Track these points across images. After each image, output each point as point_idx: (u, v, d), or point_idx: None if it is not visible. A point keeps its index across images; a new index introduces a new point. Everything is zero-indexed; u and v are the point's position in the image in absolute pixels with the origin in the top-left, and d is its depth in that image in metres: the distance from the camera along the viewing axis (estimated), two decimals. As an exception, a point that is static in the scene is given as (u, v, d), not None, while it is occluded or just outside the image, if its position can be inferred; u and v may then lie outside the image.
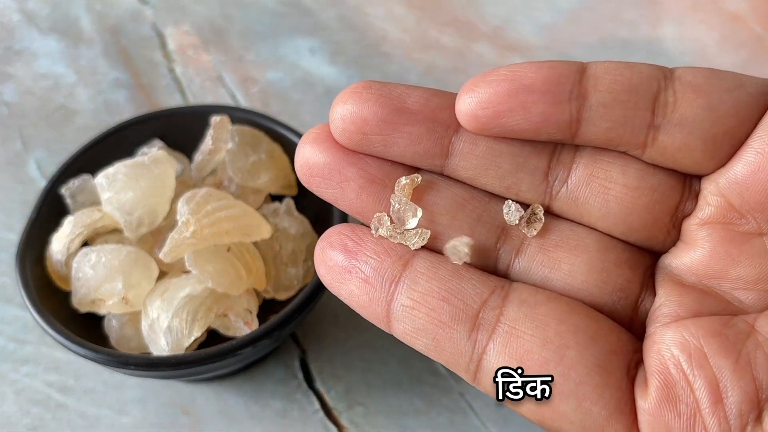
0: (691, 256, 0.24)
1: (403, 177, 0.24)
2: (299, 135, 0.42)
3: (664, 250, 0.25)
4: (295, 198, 0.41)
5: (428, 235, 0.24)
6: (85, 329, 0.37)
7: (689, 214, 0.24)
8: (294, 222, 0.40)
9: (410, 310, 0.23)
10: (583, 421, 0.21)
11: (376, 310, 0.23)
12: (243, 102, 0.54)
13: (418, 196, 0.25)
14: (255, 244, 0.38)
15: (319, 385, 0.40)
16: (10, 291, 0.45)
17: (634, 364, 0.23)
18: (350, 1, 0.59)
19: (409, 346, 0.41)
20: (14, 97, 0.55)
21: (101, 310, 0.38)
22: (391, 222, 0.24)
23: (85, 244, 0.39)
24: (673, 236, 0.25)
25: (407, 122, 0.24)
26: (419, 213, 0.24)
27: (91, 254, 0.37)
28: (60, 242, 0.39)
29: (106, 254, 0.37)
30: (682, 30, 0.56)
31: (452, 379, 0.40)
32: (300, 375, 0.41)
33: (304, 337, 0.42)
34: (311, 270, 0.39)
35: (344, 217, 0.39)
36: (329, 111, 0.24)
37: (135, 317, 0.38)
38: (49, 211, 0.40)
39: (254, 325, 0.37)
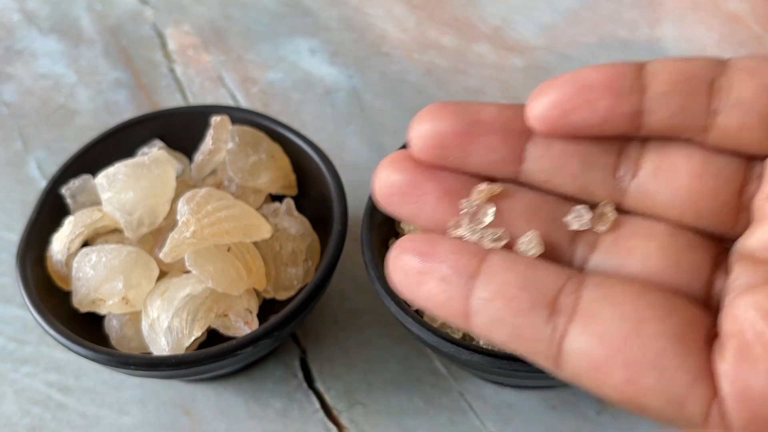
0: (763, 231, 0.24)
1: (482, 183, 0.26)
2: (299, 135, 0.42)
3: (736, 236, 0.26)
4: (295, 198, 0.42)
5: (507, 235, 0.26)
6: (85, 329, 0.37)
7: (755, 194, 0.25)
8: (294, 222, 0.40)
9: (489, 302, 0.23)
10: (666, 390, 0.22)
11: (454, 307, 0.24)
12: (243, 102, 0.54)
13: (494, 202, 0.26)
14: (255, 244, 0.38)
15: (319, 385, 0.40)
16: (10, 291, 0.45)
17: (711, 335, 0.23)
18: (350, 2, 0.60)
19: (408, 347, 0.41)
20: (14, 97, 0.55)
21: (101, 310, 0.38)
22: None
23: (85, 244, 0.39)
24: (744, 220, 0.25)
25: (483, 133, 0.25)
26: (492, 208, 0.26)
27: (92, 254, 0.37)
28: (60, 242, 0.39)
29: (106, 254, 0.37)
30: (682, 30, 0.56)
31: (452, 378, 0.40)
32: (300, 374, 0.41)
33: (304, 337, 0.42)
34: (311, 270, 0.40)
35: (344, 217, 0.39)
36: (409, 130, 0.26)
37: (135, 317, 0.38)
38: (50, 211, 0.40)
39: (254, 324, 0.37)
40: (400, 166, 0.26)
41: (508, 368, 0.33)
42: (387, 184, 0.26)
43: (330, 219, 0.39)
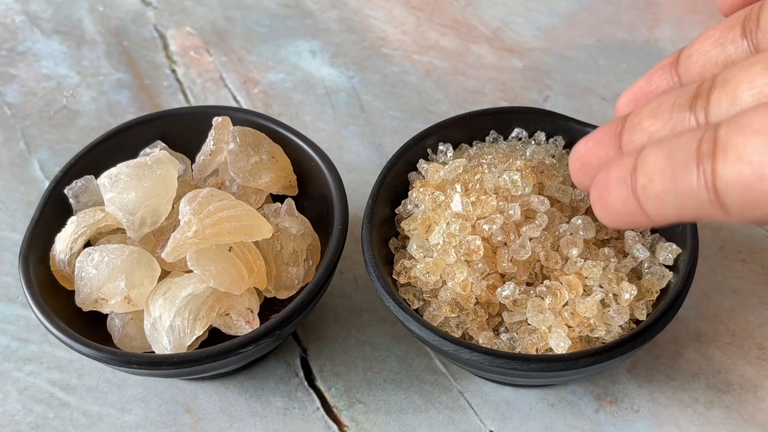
0: None
1: None
2: (300, 136, 0.42)
3: None
4: (295, 198, 0.42)
5: None
6: (87, 328, 0.38)
7: None
8: (295, 222, 0.40)
9: (648, 186, 0.25)
10: None
11: (630, 208, 0.26)
12: (244, 103, 0.54)
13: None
14: (256, 243, 0.39)
15: (320, 383, 0.41)
16: (13, 290, 0.45)
17: None
18: (351, 3, 0.60)
19: (407, 346, 0.41)
20: (17, 98, 0.55)
21: (104, 309, 0.38)
22: None
23: (88, 243, 0.40)
24: None
25: None
26: None
27: (94, 254, 0.38)
28: (63, 242, 0.39)
29: (108, 254, 0.37)
30: (680, 32, 0.56)
31: (451, 377, 0.41)
32: (301, 373, 0.41)
33: (304, 336, 0.42)
34: (312, 269, 0.40)
35: (345, 217, 0.39)
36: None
37: (137, 316, 0.38)
38: (53, 212, 0.40)
39: (255, 323, 0.37)
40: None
41: (507, 366, 0.33)
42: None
43: (330, 219, 0.39)
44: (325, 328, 0.43)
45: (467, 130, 0.42)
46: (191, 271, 0.37)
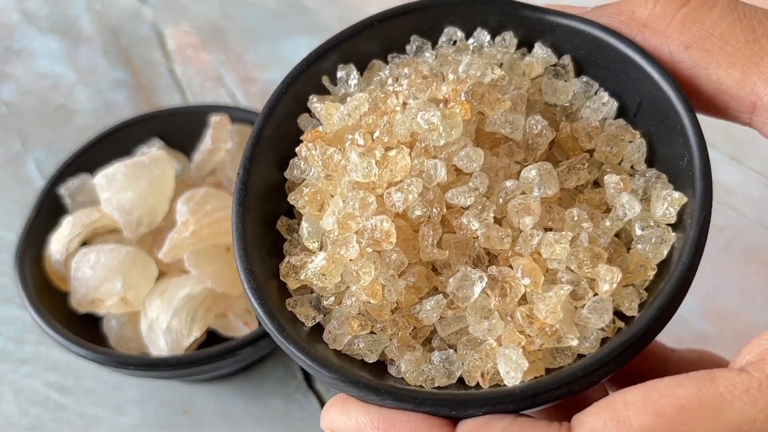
0: None
1: None
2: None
3: None
4: (294, 198, 0.42)
5: None
6: (84, 329, 0.37)
7: None
8: (293, 222, 0.40)
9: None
10: None
11: None
12: (242, 101, 0.54)
13: None
14: (254, 244, 0.38)
15: (319, 385, 0.40)
16: (9, 291, 0.44)
17: None
18: (350, 1, 0.59)
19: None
20: (13, 96, 0.55)
21: (100, 311, 0.38)
22: None
23: (84, 243, 0.39)
24: None
25: None
26: None
27: (90, 254, 0.37)
28: (59, 242, 0.39)
29: (105, 254, 0.37)
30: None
31: (452, 379, 0.40)
32: (299, 375, 0.41)
33: (303, 337, 0.42)
34: (311, 270, 0.39)
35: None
36: None
37: (134, 317, 0.38)
38: (48, 211, 0.40)
39: (253, 325, 0.37)
40: None
41: (448, 414, 0.23)
42: None
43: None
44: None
45: (382, 39, 0.29)
46: (189, 272, 0.37)
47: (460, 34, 0.29)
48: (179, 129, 0.43)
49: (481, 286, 0.24)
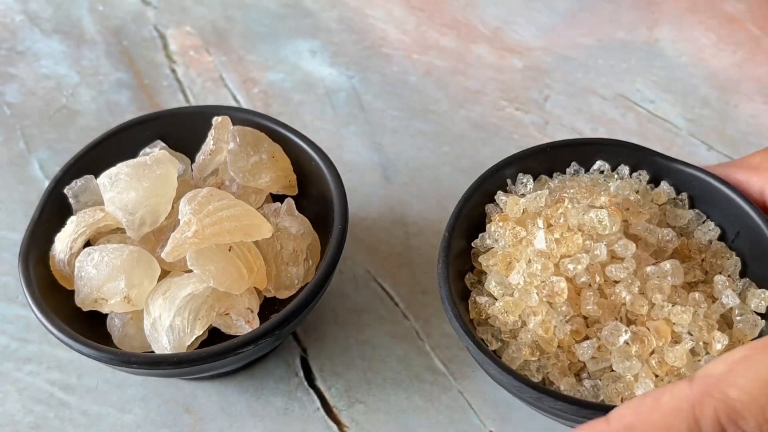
0: None
1: None
2: (300, 135, 0.42)
3: None
4: (295, 198, 0.42)
5: None
6: (87, 328, 0.38)
7: None
8: (295, 222, 0.40)
9: None
10: None
11: None
12: (244, 103, 0.54)
13: None
14: (256, 243, 0.39)
15: (320, 383, 0.41)
16: (13, 290, 0.45)
17: None
18: (350, 3, 0.60)
19: (407, 346, 0.41)
20: (17, 97, 0.55)
21: (104, 309, 0.38)
22: None
23: (87, 243, 0.40)
24: None
25: None
26: None
27: (94, 254, 0.38)
28: (63, 242, 0.39)
29: (108, 254, 0.37)
30: (680, 31, 0.56)
31: (451, 377, 0.41)
32: (301, 373, 0.41)
33: (304, 336, 0.42)
34: (312, 269, 0.40)
35: (345, 217, 0.39)
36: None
37: (137, 316, 0.38)
38: (52, 211, 0.40)
39: (255, 323, 0.37)
40: None
41: (592, 417, 0.30)
42: None
43: (330, 219, 0.39)
44: (325, 328, 0.43)
45: (547, 161, 0.40)
46: (191, 271, 0.37)
47: (607, 165, 0.40)
48: (181, 130, 0.44)
49: (624, 337, 0.33)
